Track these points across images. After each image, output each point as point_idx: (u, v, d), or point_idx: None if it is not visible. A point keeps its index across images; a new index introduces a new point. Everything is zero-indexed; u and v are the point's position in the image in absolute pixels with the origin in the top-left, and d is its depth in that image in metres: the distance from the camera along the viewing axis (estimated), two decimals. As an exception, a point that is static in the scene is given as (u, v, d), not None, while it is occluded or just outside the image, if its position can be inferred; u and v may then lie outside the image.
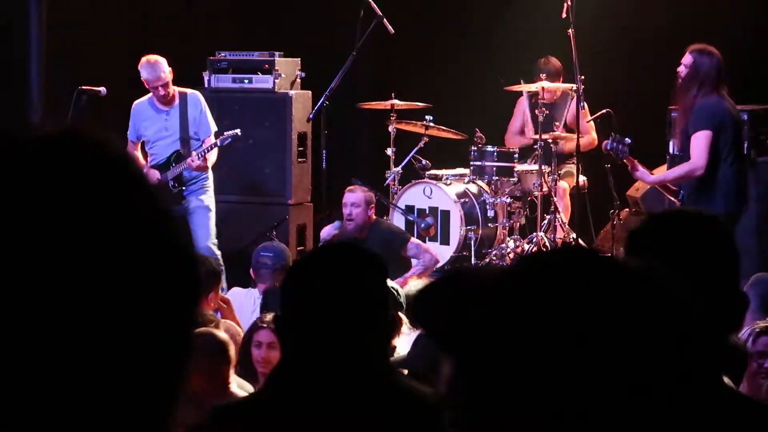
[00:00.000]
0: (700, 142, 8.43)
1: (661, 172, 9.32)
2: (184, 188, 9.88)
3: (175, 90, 9.84)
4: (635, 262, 1.34)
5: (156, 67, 9.66)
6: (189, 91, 9.94)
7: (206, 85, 11.12)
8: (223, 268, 8.84)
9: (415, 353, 5.23)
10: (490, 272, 1.43)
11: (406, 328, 6.00)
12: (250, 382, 5.61)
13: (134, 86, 9.84)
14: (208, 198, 9.98)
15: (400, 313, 5.71)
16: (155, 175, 9.77)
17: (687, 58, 8.64)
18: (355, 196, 9.45)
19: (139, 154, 9.96)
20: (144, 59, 9.72)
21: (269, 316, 5.73)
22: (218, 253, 9.70)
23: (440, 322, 1.35)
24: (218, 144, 9.72)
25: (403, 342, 5.92)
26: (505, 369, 1.27)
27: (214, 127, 9.89)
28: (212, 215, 9.93)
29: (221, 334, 5.42)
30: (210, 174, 9.98)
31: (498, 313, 1.28)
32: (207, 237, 9.71)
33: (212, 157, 9.84)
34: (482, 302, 1.30)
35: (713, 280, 2.57)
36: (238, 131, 9.77)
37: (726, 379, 5.27)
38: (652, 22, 11.60)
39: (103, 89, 9.86)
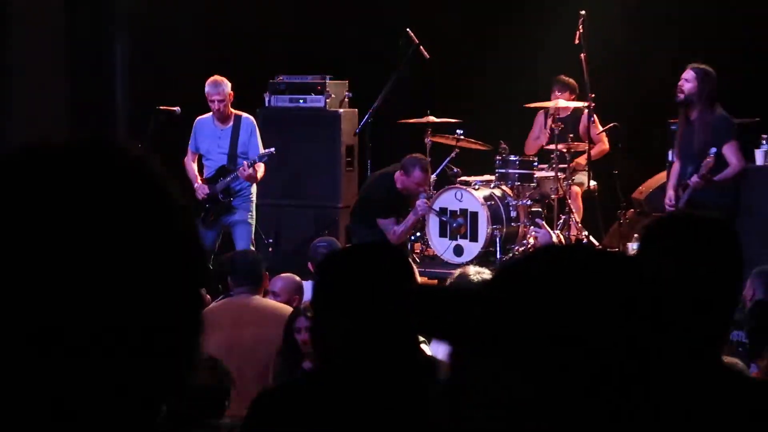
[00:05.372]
0: (736, 148, 8.71)
1: (661, 178, 9.59)
2: (232, 199, 9.82)
3: (232, 111, 9.79)
4: (614, 253, 1.30)
5: (218, 83, 9.69)
6: (245, 115, 9.89)
7: (266, 104, 11.22)
8: None
9: None
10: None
11: None
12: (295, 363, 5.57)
13: (205, 106, 9.87)
14: (251, 213, 9.90)
15: None
16: (204, 189, 9.77)
17: (689, 74, 8.74)
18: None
19: (195, 165, 9.94)
20: (211, 77, 9.80)
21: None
22: None
23: (443, 319, 1.28)
24: (257, 160, 9.65)
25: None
26: (498, 361, 1.20)
27: (265, 151, 9.80)
28: (252, 228, 9.90)
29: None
30: (254, 188, 9.92)
31: (496, 304, 1.22)
32: (246, 248, 9.54)
33: (260, 171, 9.78)
34: (480, 297, 1.26)
35: (718, 277, 2.57)
36: (272, 150, 9.72)
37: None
38: (653, 46, 11.59)
39: (178, 109, 10.00)
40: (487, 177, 10.98)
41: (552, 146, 10.59)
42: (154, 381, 1.14)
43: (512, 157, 10.79)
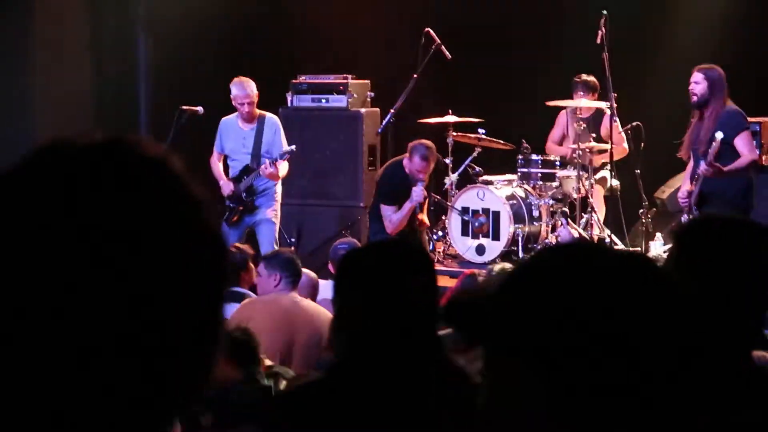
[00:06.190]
0: (747, 140, 8.67)
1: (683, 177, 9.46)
2: (254, 198, 9.87)
3: (257, 111, 9.87)
4: (631, 254, 1.30)
5: (245, 85, 9.77)
6: (268, 114, 9.98)
7: (289, 105, 11.27)
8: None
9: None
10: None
11: None
12: None
13: (227, 106, 9.97)
14: (275, 212, 9.95)
15: None
16: (229, 186, 9.85)
17: (697, 76, 8.79)
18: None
19: (220, 165, 10.02)
20: (236, 78, 9.86)
21: None
22: None
23: (465, 316, 1.32)
24: (278, 158, 9.73)
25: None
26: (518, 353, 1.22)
27: (286, 148, 9.85)
28: (276, 227, 9.95)
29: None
30: (279, 188, 10.02)
31: (511, 298, 1.25)
32: (270, 247, 9.53)
33: (282, 169, 9.87)
34: (498, 292, 1.27)
35: (750, 281, 2.57)
36: (293, 147, 9.81)
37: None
38: (673, 44, 11.65)
39: (200, 109, 10.04)
40: (509, 176, 11.03)
41: (574, 146, 10.59)
42: (174, 382, 1.13)
43: (534, 157, 10.81)
